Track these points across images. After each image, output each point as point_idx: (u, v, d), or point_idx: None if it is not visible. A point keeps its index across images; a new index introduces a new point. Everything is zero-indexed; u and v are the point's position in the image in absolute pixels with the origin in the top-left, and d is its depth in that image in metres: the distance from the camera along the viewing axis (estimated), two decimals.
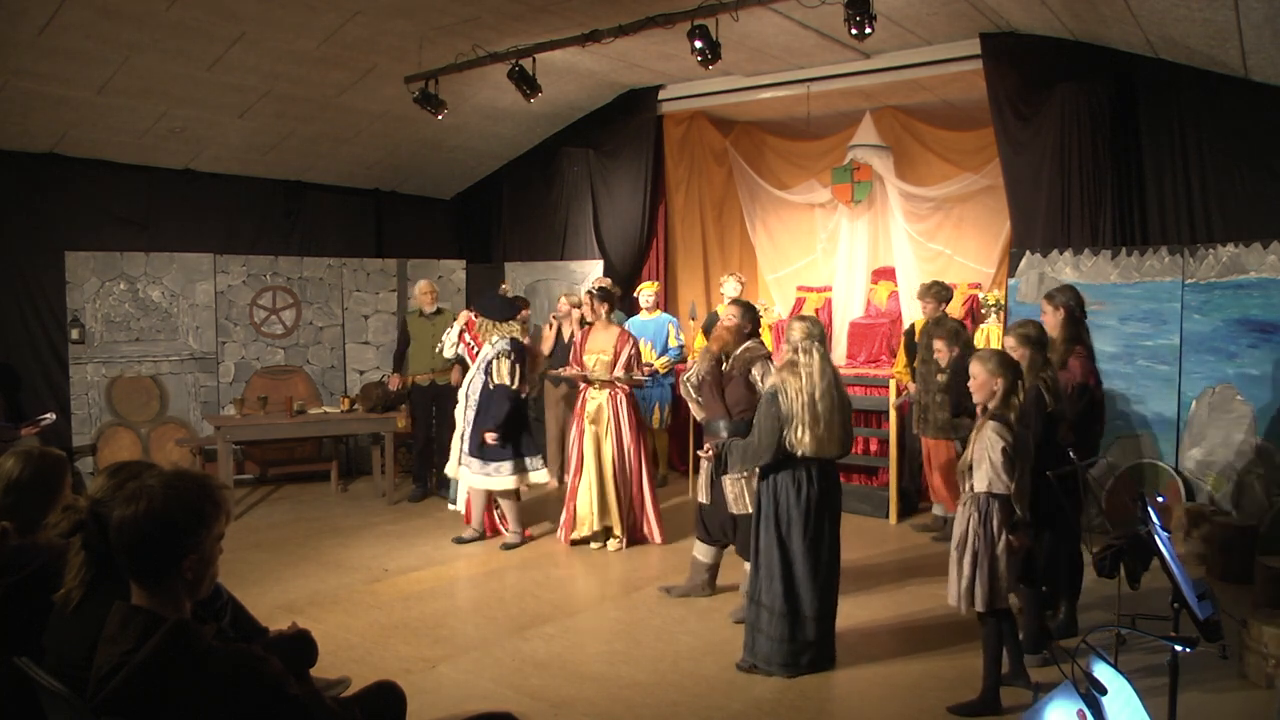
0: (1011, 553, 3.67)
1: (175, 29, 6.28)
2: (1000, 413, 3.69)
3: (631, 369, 6.15)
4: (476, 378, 6.23)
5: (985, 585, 3.66)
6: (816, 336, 4.11)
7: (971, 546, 3.68)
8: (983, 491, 3.65)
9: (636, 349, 6.19)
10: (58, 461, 2.82)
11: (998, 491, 3.62)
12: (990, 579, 3.66)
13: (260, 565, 5.84)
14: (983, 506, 3.67)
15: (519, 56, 7.00)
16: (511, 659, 4.39)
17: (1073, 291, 4.96)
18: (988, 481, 3.62)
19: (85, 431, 7.68)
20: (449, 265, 9.42)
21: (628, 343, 6.13)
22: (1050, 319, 4.84)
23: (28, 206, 7.56)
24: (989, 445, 3.62)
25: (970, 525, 3.69)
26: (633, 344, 6.15)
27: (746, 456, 4.16)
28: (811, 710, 3.87)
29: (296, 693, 1.91)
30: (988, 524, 3.66)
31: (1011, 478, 3.60)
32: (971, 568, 3.68)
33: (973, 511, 3.69)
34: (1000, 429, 3.63)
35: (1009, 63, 6.96)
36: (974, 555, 3.67)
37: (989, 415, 3.71)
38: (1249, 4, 4.86)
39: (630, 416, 6.18)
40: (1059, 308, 4.84)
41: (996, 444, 3.60)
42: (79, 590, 2.16)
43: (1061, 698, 1.79)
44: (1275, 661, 3.90)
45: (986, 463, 3.62)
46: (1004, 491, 3.61)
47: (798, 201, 9.46)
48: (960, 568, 3.72)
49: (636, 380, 6.22)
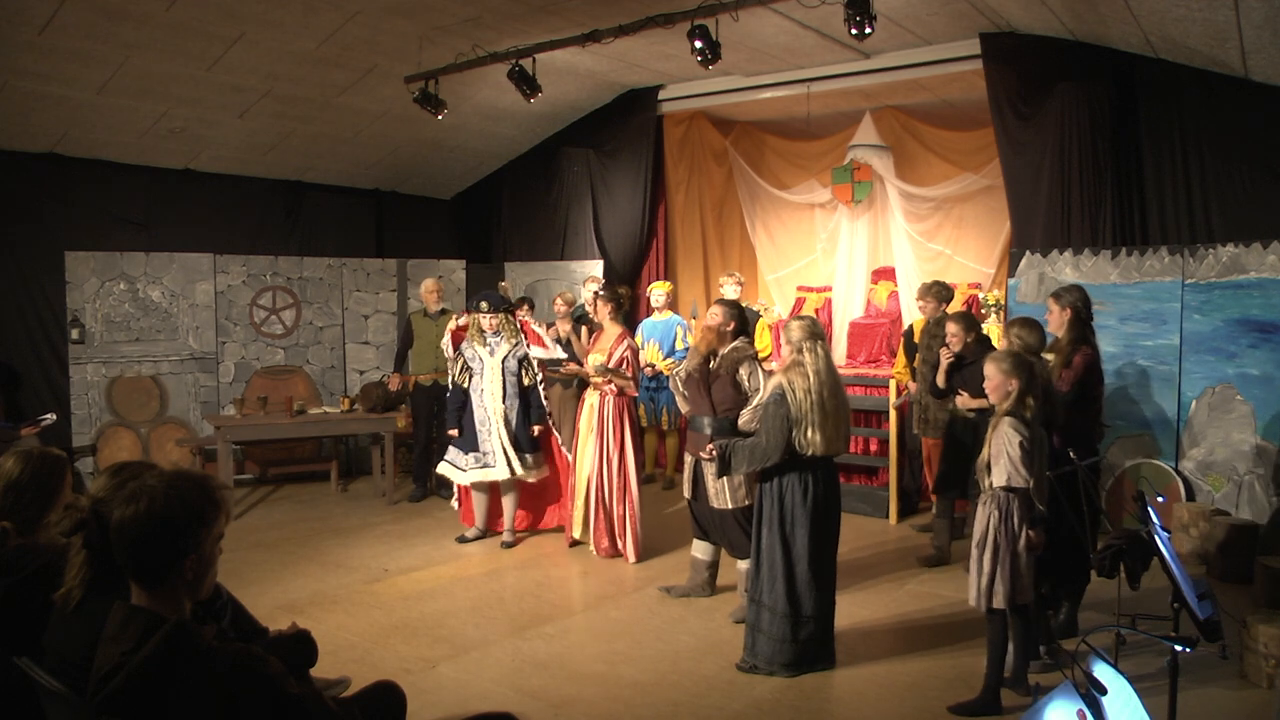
0: (1031, 549, 3.69)
1: (175, 29, 6.29)
2: (1016, 410, 3.72)
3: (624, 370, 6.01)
4: (495, 377, 6.15)
5: (1006, 582, 3.67)
6: (818, 335, 4.14)
7: (993, 543, 3.69)
8: (1001, 487, 3.68)
9: (632, 350, 6.05)
10: (58, 461, 2.82)
11: (1016, 485, 3.65)
12: (1012, 575, 3.67)
13: (260, 565, 5.84)
14: (1003, 504, 3.69)
15: (519, 56, 7.01)
16: (511, 659, 4.39)
17: (1080, 291, 4.87)
18: (1006, 476, 3.66)
19: (85, 431, 7.68)
20: (449, 265, 9.42)
21: (622, 343, 6.09)
22: (1056, 318, 4.80)
23: (28, 206, 7.57)
24: (1006, 441, 3.66)
25: (991, 522, 3.71)
26: (627, 345, 6.06)
27: (754, 458, 4.14)
28: (811, 710, 3.87)
29: (296, 692, 1.91)
30: (1008, 520, 3.68)
31: (1030, 472, 3.63)
32: (993, 564, 3.69)
33: (993, 509, 3.72)
34: (1016, 424, 3.67)
35: (1009, 63, 6.96)
36: (995, 552, 3.69)
37: (1004, 412, 3.74)
38: (1249, 4, 4.86)
39: (616, 422, 5.96)
40: (1066, 308, 4.78)
41: (1014, 439, 3.64)
42: (79, 590, 2.16)
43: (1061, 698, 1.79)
44: (1275, 661, 3.90)
45: (1004, 458, 3.66)
46: (1023, 485, 3.64)
47: (798, 201, 9.45)
48: (980, 565, 3.73)
49: (618, 377, 5.96)
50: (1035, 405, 3.73)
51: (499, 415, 6.13)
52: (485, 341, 6.20)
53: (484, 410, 6.16)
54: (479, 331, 6.20)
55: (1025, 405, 3.72)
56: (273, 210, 9.18)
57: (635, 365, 6.07)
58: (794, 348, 4.11)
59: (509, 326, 6.22)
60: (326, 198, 9.52)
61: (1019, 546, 3.67)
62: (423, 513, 7.26)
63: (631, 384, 6.00)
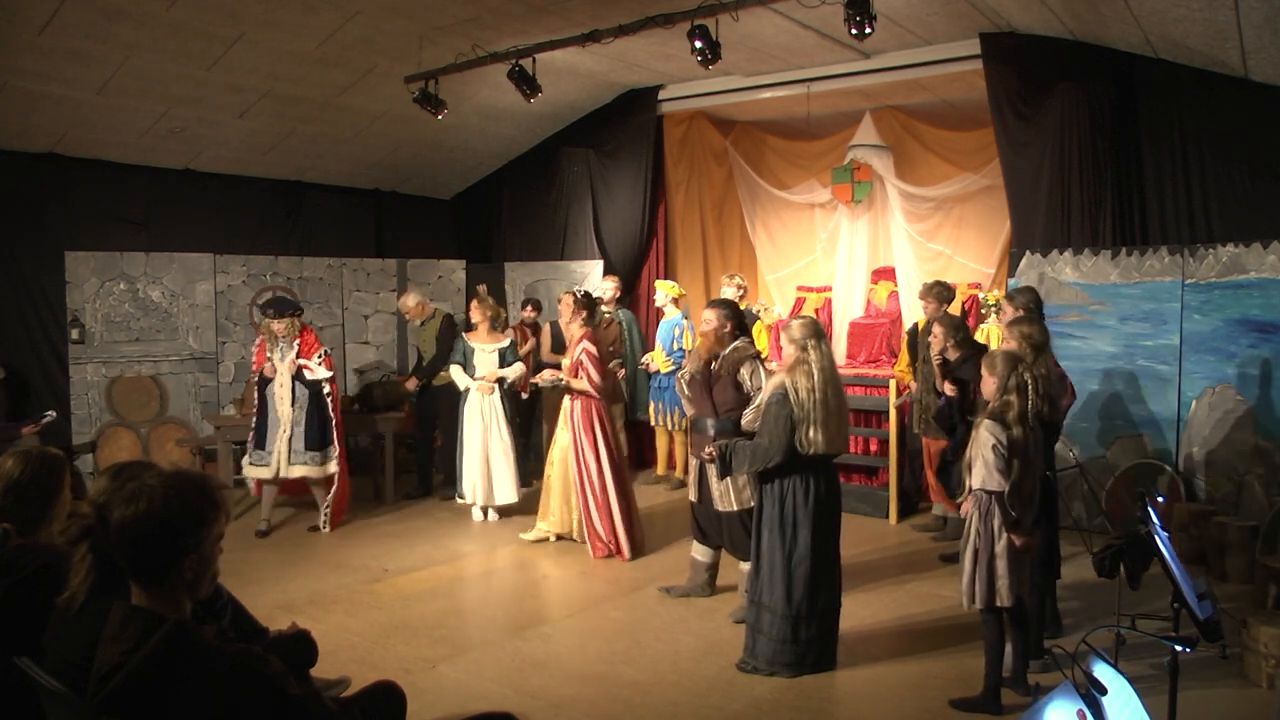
0: (1017, 553, 3.69)
1: (175, 29, 6.28)
2: (997, 412, 3.72)
3: (580, 372, 6.00)
4: (285, 381, 6.51)
5: (984, 583, 3.69)
6: (820, 334, 4.15)
7: (973, 544, 3.73)
8: (978, 488, 3.70)
9: (588, 354, 6.03)
10: (57, 461, 2.82)
11: (991, 488, 3.66)
12: (989, 577, 3.68)
13: (260, 565, 5.84)
14: (983, 505, 3.71)
15: (519, 56, 7.00)
16: (511, 659, 4.39)
17: (1033, 293, 5.17)
18: (981, 478, 3.69)
19: (85, 431, 7.67)
20: (449, 265, 9.42)
21: (578, 346, 6.12)
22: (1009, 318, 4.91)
23: (28, 206, 7.56)
24: (981, 444, 3.69)
25: (972, 523, 3.74)
26: (583, 349, 6.05)
27: (756, 459, 4.13)
28: (811, 710, 3.87)
29: (296, 692, 1.91)
30: (988, 521, 3.70)
31: (1006, 475, 3.63)
32: (972, 565, 3.72)
33: (974, 510, 3.75)
34: (993, 427, 3.68)
35: (1009, 62, 6.96)
36: (974, 553, 3.72)
37: (985, 414, 3.75)
38: (1249, 4, 4.86)
39: (584, 421, 6.00)
40: (1019, 309, 4.96)
41: (988, 442, 3.66)
42: (83, 595, 2.16)
43: (1061, 698, 1.79)
44: (1275, 661, 3.90)
45: (980, 460, 3.69)
46: (997, 488, 3.64)
47: (798, 201, 9.45)
48: (963, 565, 3.77)
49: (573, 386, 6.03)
50: (1019, 405, 3.71)
51: (287, 418, 6.49)
52: (276, 346, 6.51)
53: (274, 412, 6.51)
54: (271, 336, 6.53)
55: (1007, 405, 3.71)
56: (273, 210, 9.17)
57: (596, 367, 6.02)
58: (798, 346, 4.11)
59: (293, 332, 6.53)
60: (326, 198, 9.52)
61: (997, 548, 3.68)
62: (423, 513, 7.26)
63: (588, 386, 5.99)
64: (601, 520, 5.98)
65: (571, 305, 6.20)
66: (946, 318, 5.81)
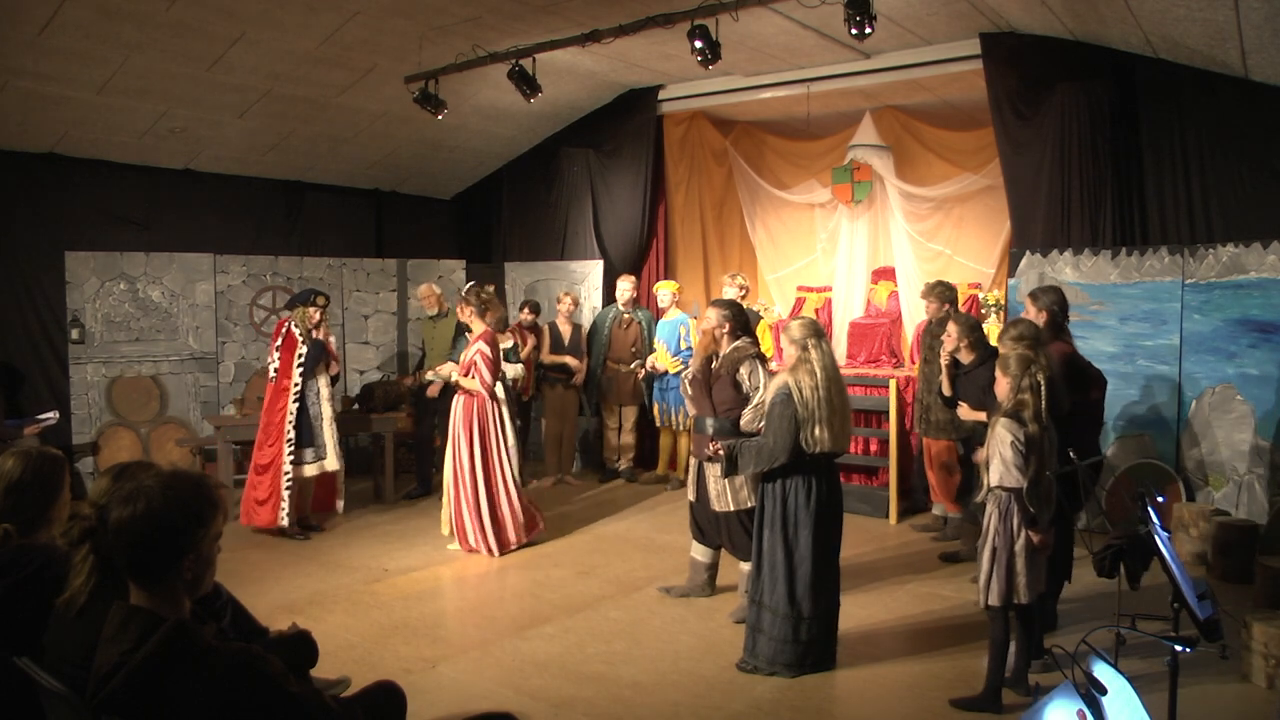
0: (1036, 550, 3.70)
1: (175, 29, 6.28)
2: (1013, 410, 3.73)
3: (472, 371, 6.05)
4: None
5: (1001, 581, 3.69)
6: (820, 333, 4.16)
7: (991, 542, 3.73)
8: (996, 486, 3.71)
9: (481, 353, 6.06)
10: (57, 461, 2.82)
11: (1009, 485, 3.67)
12: (1007, 575, 3.69)
13: (260, 565, 5.84)
14: (1003, 504, 3.72)
15: (519, 56, 7.01)
16: (511, 659, 4.39)
17: (1057, 294, 4.91)
18: (999, 475, 3.69)
19: (85, 431, 7.67)
20: (449, 265, 9.42)
21: (473, 346, 6.13)
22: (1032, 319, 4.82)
23: (28, 206, 7.56)
24: (999, 441, 3.70)
25: (991, 521, 3.75)
26: (477, 350, 6.08)
27: (760, 458, 4.13)
28: (811, 710, 3.87)
29: (296, 692, 1.91)
30: (1008, 520, 3.71)
31: (1024, 473, 3.64)
32: (990, 563, 3.72)
33: (993, 508, 3.75)
34: (1010, 425, 3.69)
35: (1009, 62, 6.96)
36: (993, 551, 3.72)
37: (1001, 413, 3.76)
38: (1249, 4, 4.86)
39: (464, 418, 6.10)
40: (1043, 310, 4.83)
41: (1005, 439, 3.67)
42: (84, 596, 2.16)
43: (1061, 698, 1.79)
44: (1275, 661, 3.90)
45: (998, 458, 3.70)
46: (1016, 485, 3.65)
47: (798, 201, 9.45)
48: (981, 563, 3.78)
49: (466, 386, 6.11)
50: (1034, 403, 3.73)
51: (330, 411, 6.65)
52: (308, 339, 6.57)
53: (317, 406, 6.59)
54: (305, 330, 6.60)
55: (1022, 404, 3.72)
56: (273, 210, 9.17)
57: (489, 367, 6.07)
58: (799, 345, 4.11)
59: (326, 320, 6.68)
60: (326, 198, 9.52)
61: (1016, 546, 3.69)
62: (423, 513, 7.25)
63: (478, 385, 6.04)
64: (471, 517, 6.08)
65: (470, 305, 6.22)
66: (963, 317, 5.65)
